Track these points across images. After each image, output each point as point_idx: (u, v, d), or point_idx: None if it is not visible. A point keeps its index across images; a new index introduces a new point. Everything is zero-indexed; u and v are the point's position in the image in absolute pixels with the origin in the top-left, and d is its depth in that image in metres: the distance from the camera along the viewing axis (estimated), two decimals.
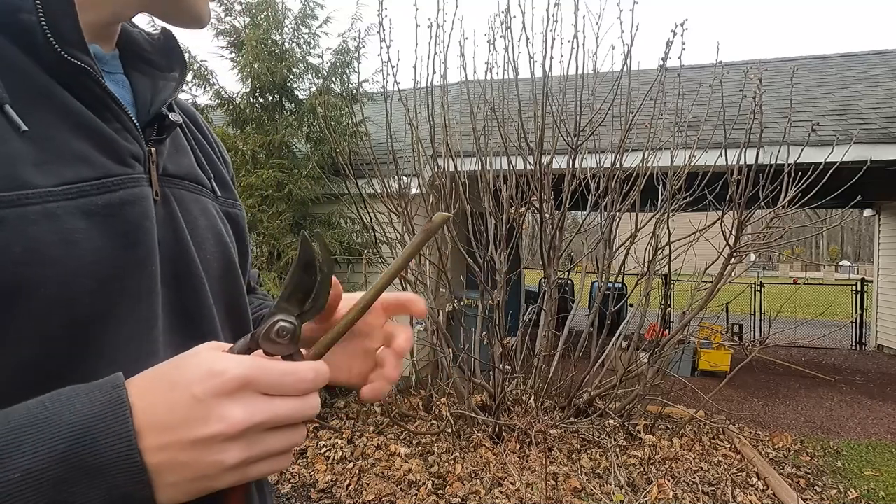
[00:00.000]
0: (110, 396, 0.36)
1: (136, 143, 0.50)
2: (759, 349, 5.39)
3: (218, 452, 0.37)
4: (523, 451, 3.79)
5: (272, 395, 0.39)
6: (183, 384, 0.37)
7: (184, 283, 0.53)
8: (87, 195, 0.43)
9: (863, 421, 5.23)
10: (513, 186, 4.16)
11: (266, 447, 0.39)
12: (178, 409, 0.37)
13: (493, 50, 4.33)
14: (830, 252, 57.35)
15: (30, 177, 0.40)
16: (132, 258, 0.46)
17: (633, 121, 4.11)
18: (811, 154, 4.15)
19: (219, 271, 0.59)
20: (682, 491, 3.41)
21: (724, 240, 4.04)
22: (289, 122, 5.44)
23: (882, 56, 8.63)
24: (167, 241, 0.51)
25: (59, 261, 0.41)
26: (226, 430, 0.37)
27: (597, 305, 4.45)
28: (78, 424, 0.35)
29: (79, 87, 0.45)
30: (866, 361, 8.32)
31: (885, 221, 9.28)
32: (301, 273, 0.42)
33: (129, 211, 0.47)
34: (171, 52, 0.58)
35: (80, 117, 0.45)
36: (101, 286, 0.44)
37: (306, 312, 0.43)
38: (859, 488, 3.66)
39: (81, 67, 0.44)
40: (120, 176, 0.47)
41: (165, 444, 0.36)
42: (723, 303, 4.93)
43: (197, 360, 0.38)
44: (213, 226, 0.59)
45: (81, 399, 0.36)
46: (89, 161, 0.45)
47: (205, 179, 0.61)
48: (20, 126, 0.40)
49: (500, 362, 4.06)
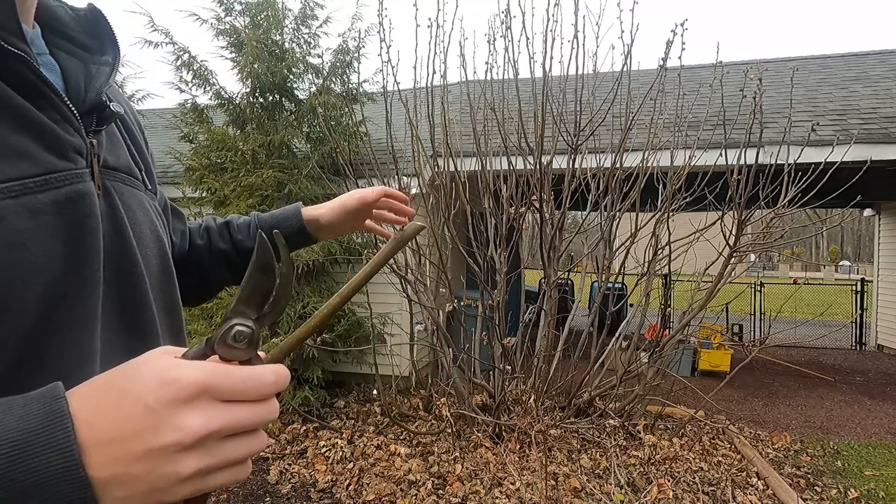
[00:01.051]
0: (49, 408, 0.33)
1: (77, 136, 0.47)
2: (759, 349, 5.39)
3: (172, 463, 0.34)
4: (523, 451, 3.79)
5: (231, 401, 0.37)
6: (134, 393, 0.34)
7: (125, 282, 0.51)
8: (30, 192, 0.41)
9: (863, 421, 5.23)
10: (513, 186, 4.16)
11: (224, 456, 0.37)
12: (130, 420, 0.34)
13: (493, 50, 4.33)
14: (830, 252, 57.35)
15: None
16: (77, 259, 0.44)
17: (633, 121, 4.11)
18: (811, 154, 4.15)
19: (157, 268, 0.57)
20: (682, 491, 3.41)
21: (724, 240, 4.04)
22: (289, 122, 5.44)
23: (882, 56, 8.63)
24: (109, 237, 0.49)
25: (6, 265, 0.38)
26: (181, 439, 0.34)
27: (597, 305, 4.45)
28: (13, 440, 0.32)
29: (12, 75, 0.41)
30: (866, 361, 8.32)
31: (885, 221, 9.28)
32: (259, 275, 0.40)
33: (74, 209, 0.44)
34: (101, 31, 0.53)
35: (16, 108, 0.42)
36: (47, 289, 0.41)
37: (265, 316, 0.41)
38: (859, 488, 3.66)
39: (16, 54, 0.41)
40: (63, 172, 0.44)
41: (114, 457, 0.34)
42: (723, 303, 4.93)
43: (149, 368, 0.36)
44: (150, 220, 0.58)
45: (16, 413, 0.33)
46: (30, 156, 0.42)
47: (137, 172, 0.58)
48: None
49: (500, 362, 4.06)
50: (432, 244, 4.35)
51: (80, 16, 0.53)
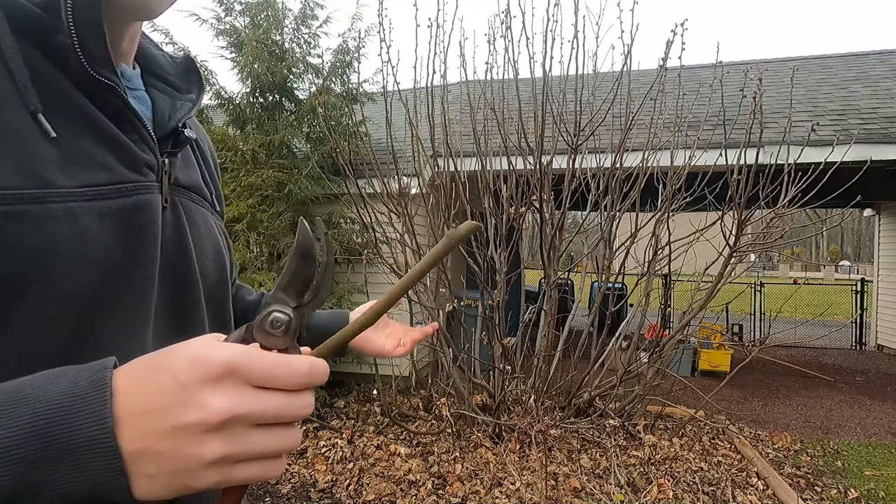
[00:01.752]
0: (94, 377, 0.35)
1: (150, 154, 0.54)
2: (759, 349, 5.39)
3: (197, 444, 0.35)
4: (523, 451, 3.79)
5: (261, 387, 0.37)
6: (169, 369, 0.36)
7: (181, 286, 0.56)
8: (102, 198, 0.47)
9: (863, 421, 5.23)
10: (513, 186, 4.16)
11: (251, 446, 0.36)
12: (162, 395, 0.35)
13: (493, 50, 4.33)
14: (830, 252, 57.35)
15: (53, 177, 0.44)
16: (135, 259, 0.50)
17: (633, 121, 4.11)
18: (811, 154, 4.14)
19: (214, 278, 0.63)
20: (682, 491, 3.41)
21: (724, 240, 4.04)
22: (289, 122, 5.44)
23: (882, 56, 8.63)
24: (171, 244, 0.55)
25: (70, 256, 0.44)
26: (205, 418, 0.34)
27: (597, 305, 4.45)
28: (58, 403, 0.34)
29: (104, 101, 0.49)
30: (866, 361, 8.32)
31: (885, 221, 9.28)
32: (299, 262, 0.40)
33: (138, 215, 0.50)
34: (191, 75, 0.64)
35: (103, 128, 0.49)
36: (104, 283, 0.46)
37: (305, 305, 0.40)
38: (859, 488, 3.66)
39: (108, 84, 0.49)
40: (134, 183, 0.51)
41: (145, 431, 0.35)
42: (723, 303, 4.93)
43: (187, 347, 0.37)
44: (213, 236, 0.64)
45: (68, 378, 0.35)
46: (108, 167, 0.49)
47: (207, 194, 0.67)
48: (49, 132, 0.44)
49: (500, 362, 4.06)
50: (432, 244, 4.35)
51: (176, 62, 0.64)
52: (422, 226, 4.63)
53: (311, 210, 5.53)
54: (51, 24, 0.45)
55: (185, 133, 0.59)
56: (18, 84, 0.43)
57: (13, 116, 0.43)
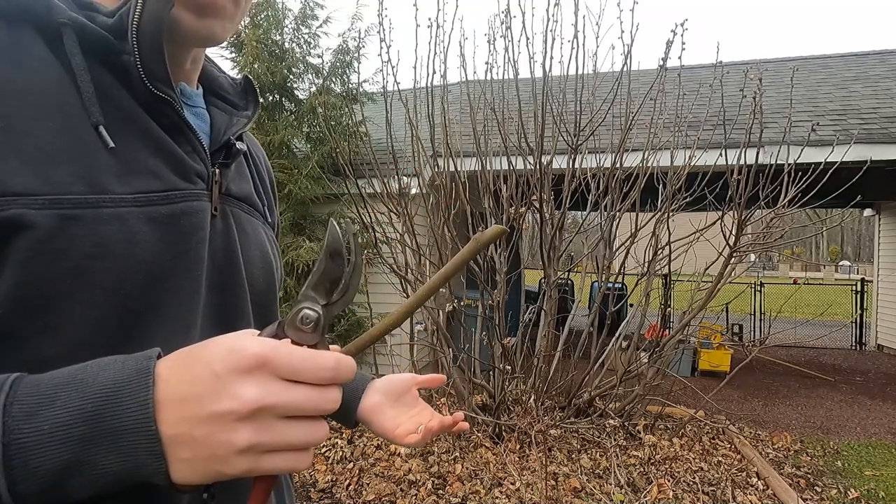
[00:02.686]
0: (140, 365, 0.39)
1: (202, 164, 0.57)
2: (759, 349, 5.39)
3: (229, 431, 0.37)
4: (523, 451, 3.79)
5: (290, 380, 0.39)
6: (206, 359, 0.39)
7: (228, 291, 0.58)
8: (153, 204, 0.50)
9: (863, 421, 5.23)
10: (513, 186, 4.16)
11: (279, 436, 0.39)
12: (198, 384, 0.38)
13: (493, 50, 4.34)
14: (830, 252, 57.34)
15: (109, 185, 0.47)
16: (182, 263, 0.52)
17: (633, 121, 4.11)
18: (811, 154, 4.14)
19: (262, 287, 0.65)
20: (682, 491, 3.41)
21: (724, 240, 4.04)
22: (289, 122, 5.44)
23: (882, 56, 8.63)
24: (220, 250, 0.58)
25: (121, 257, 0.47)
26: (237, 407, 0.37)
27: (597, 305, 4.45)
28: (107, 387, 0.37)
29: (161, 115, 0.53)
30: (866, 361, 8.32)
31: (885, 221, 9.28)
32: (328, 261, 0.42)
33: (185, 221, 0.53)
34: (248, 94, 0.69)
35: (159, 139, 0.53)
36: (153, 284, 0.49)
37: (334, 303, 0.42)
38: (859, 488, 3.66)
39: (165, 99, 0.52)
40: (183, 190, 0.54)
41: (182, 417, 0.37)
42: (723, 303, 4.93)
43: (223, 340, 0.40)
44: (262, 244, 0.66)
45: (116, 365, 0.39)
46: (160, 176, 0.52)
47: (259, 205, 0.69)
48: (108, 143, 0.47)
49: (500, 362, 4.06)
50: (432, 244, 4.35)
51: (235, 83, 0.69)
52: (422, 226, 4.63)
53: (311, 210, 5.53)
54: (117, 45, 0.50)
55: (236, 146, 0.62)
56: (84, 99, 0.47)
57: (78, 129, 0.47)
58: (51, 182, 0.44)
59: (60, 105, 0.47)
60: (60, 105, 0.47)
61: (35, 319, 0.43)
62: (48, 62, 0.47)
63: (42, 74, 0.47)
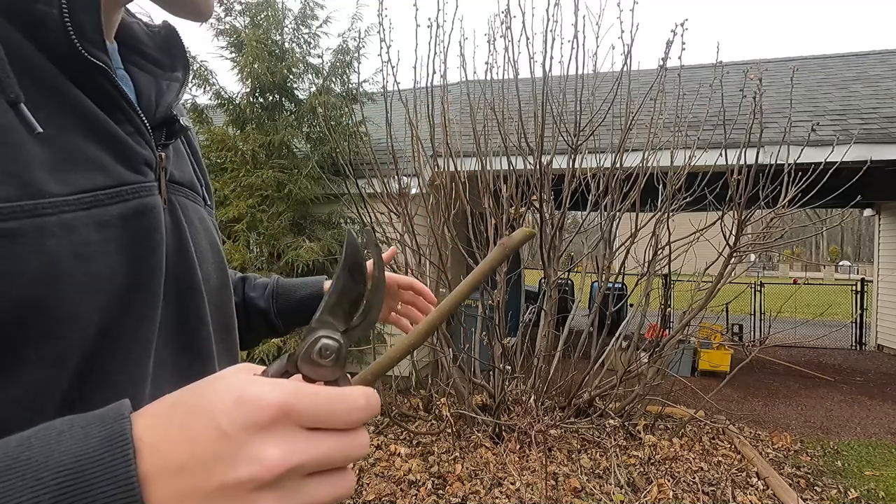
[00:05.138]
0: (110, 430, 0.29)
1: (147, 149, 0.47)
2: (759, 349, 5.39)
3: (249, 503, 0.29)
4: (523, 451, 3.79)
5: (315, 428, 0.31)
6: (207, 413, 0.29)
7: (184, 298, 0.49)
8: (101, 205, 0.40)
9: (863, 421, 5.23)
10: (513, 186, 4.16)
11: (306, 498, 0.31)
12: (200, 445, 0.29)
13: (493, 50, 4.33)
14: (830, 252, 57.35)
15: (44, 184, 0.37)
16: (141, 273, 0.43)
17: (633, 121, 4.11)
18: (811, 154, 4.14)
19: (216, 283, 0.56)
20: (682, 491, 3.41)
21: (724, 240, 4.04)
22: (289, 122, 5.44)
23: (882, 56, 8.63)
24: (172, 252, 0.48)
25: (73, 276, 0.37)
26: (258, 474, 0.29)
27: (597, 305, 4.45)
28: (68, 468, 0.27)
29: (91, 86, 0.41)
30: (866, 361, 8.32)
31: (885, 221, 9.28)
32: (347, 278, 0.34)
33: (140, 222, 0.43)
34: (173, 48, 0.54)
35: (93, 119, 0.42)
36: (111, 303, 0.40)
37: (354, 328, 0.35)
38: (859, 488, 3.66)
39: (98, 66, 0.41)
40: (133, 185, 0.44)
41: (182, 492, 0.28)
42: (723, 303, 4.93)
43: (225, 385, 0.31)
44: (210, 235, 0.57)
45: (76, 434, 0.29)
46: (103, 168, 0.41)
47: (199, 188, 0.58)
48: (35, 127, 0.36)
49: (500, 362, 4.06)
50: (432, 244, 4.35)
51: (153, 32, 0.54)
52: (422, 226, 4.63)
53: (311, 210, 5.53)
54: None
55: (181, 122, 0.51)
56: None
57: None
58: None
59: None
60: None
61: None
62: None
63: None
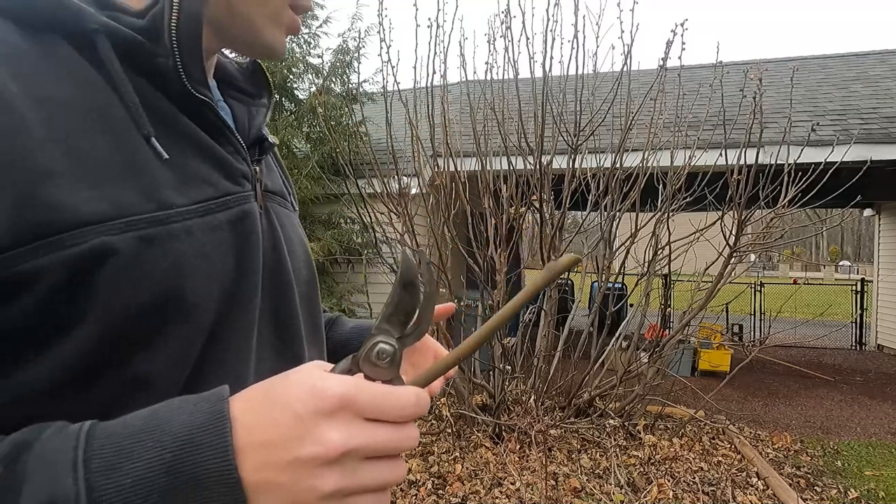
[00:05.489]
0: (214, 408, 0.37)
1: (245, 164, 0.56)
2: (759, 349, 5.40)
3: (314, 477, 0.36)
4: (523, 451, 3.79)
5: (371, 419, 0.38)
6: (285, 401, 0.37)
7: (278, 291, 0.58)
8: (212, 213, 0.49)
9: (863, 421, 5.23)
10: (513, 186, 4.16)
11: (363, 479, 0.38)
12: (279, 427, 0.36)
13: (493, 50, 4.32)
14: (830, 252, 57.36)
15: (171, 199, 0.46)
16: (244, 269, 0.52)
17: (633, 121, 4.11)
18: (811, 154, 4.14)
19: (305, 279, 0.64)
20: (682, 491, 3.41)
21: (724, 240, 4.04)
22: (289, 122, 5.45)
23: (882, 56, 8.64)
24: (268, 251, 0.56)
25: (196, 271, 0.46)
26: (323, 453, 0.36)
27: (597, 305, 4.45)
28: (182, 435, 0.36)
29: (201, 117, 0.52)
30: (866, 361, 8.32)
31: (885, 221, 9.28)
32: (402, 293, 0.40)
33: (242, 225, 0.53)
34: (258, 79, 0.66)
35: (203, 143, 0.52)
36: (224, 294, 0.49)
37: (408, 336, 0.41)
38: (859, 488, 3.66)
39: (205, 101, 0.51)
40: (235, 194, 0.53)
41: (265, 462, 0.36)
42: (723, 303, 4.93)
43: (300, 377, 0.38)
44: (300, 238, 0.66)
45: (188, 408, 0.37)
46: (212, 182, 0.51)
47: (287, 195, 0.68)
48: (163, 155, 0.46)
49: (500, 362, 4.06)
50: (432, 244, 4.35)
51: (242, 68, 0.66)
52: (422, 226, 4.63)
53: (312, 210, 5.54)
54: (151, 48, 0.47)
55: (269, 140, 0.62)
56: (130, 110, 0.45)
57: (129, 142, 0.45)
58: (121, 204, 0.43)
59: (107, 118, 0.44)
60: (107, 118, 0.44)
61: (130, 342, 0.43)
62: (85, 72, 0.45)
63: (82, 87, 0.44)
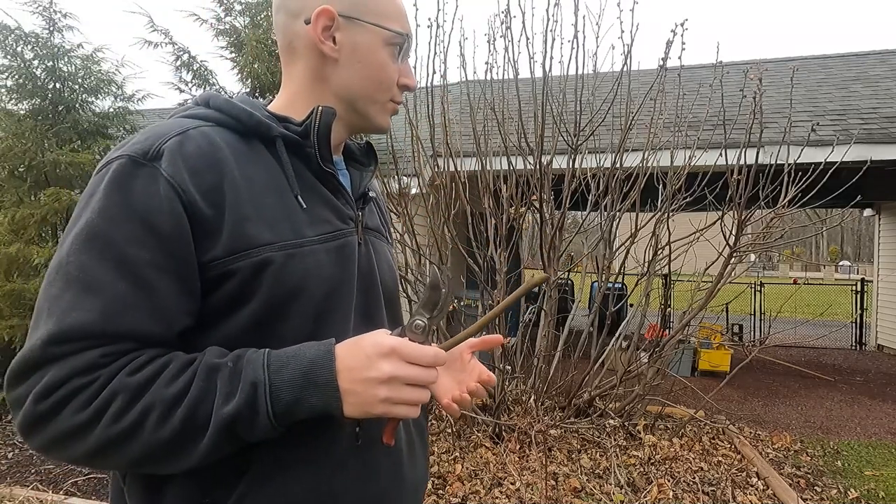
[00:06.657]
0: (327, 349, 0.67)
1: (351, 210, 0.85)
2: (759, 349, 5.39)
3: (374, 388, 0.65)
4: (523, 451, 3.79)
5: (409, 362, 0.66)
6: (361, 349, 0.67)
7: (370, 293, 0.86)
8: (328, 241, 0.79)
9: (863, 421, 5.23)
10: (513, 186, 4.16)
11: (402, 395, 0.67)
12: (358, 361, 0.66)
13: (493, 50, 4.32)
14: (830, 252, 57.34)
15: (306, 231, 0.76)
16: (344, 277, 0.80)
17: (633, 121, 4.11)
18: (811, 154, 4.14)
19: (390, 287, 0.93)
20: (682, 491, 3.41)
21: (724, 240, 4.04)
22: None
23: (882, 56, 8.63)
24: (364, 267, 0.85)
25: (316, 277, 0.75)
26: (378, 376, 0.65)
27: (597, 305, 4.45)
28: (311, 360, 0.66)
29: (327, 182, 0.82)
30: (866, 361, 8.32)
31: (885, 221, 9.28)
32: (430, 291, 0.70)
33: (345, 250, 0.81)
34: (369, 153, 0.95)
35: (327, 198, 0.82)
36: (331, 291, 0.78)
37: (434, 318, 0.70)
38: (859, 488, 3.66)
39: (330, 173, 0.82)
40: (343, 230, 0.82)
41: (350, 378, 0.66)
42: (723, 303, 4.93)
43: (372, 335, 0.69)
44: (389, 262, 0.96)
45: (314, 347, 0.68)
46: (330, 221, 0.80)
47: (384, 231, 0.99)
48: (303, 205, 0.77)
49: (499, 362, 4.06)
50: (432, 244, 4.35)
51: (360, 146, 0.96)
52: (422, 226, 4.63)
53: None
54: (304, 143, 0.79)
55: (369, 195, 0.93)
56: (288, 179, 0.78)
57: (286, 198, 0.76)
58: (278, 234, 0.73)
59: (276, 185, 0.76)
60: (276, 185, 0.76)
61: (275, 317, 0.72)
62: (269, 159, 0.77)
63: (267, 168, 0.77)
